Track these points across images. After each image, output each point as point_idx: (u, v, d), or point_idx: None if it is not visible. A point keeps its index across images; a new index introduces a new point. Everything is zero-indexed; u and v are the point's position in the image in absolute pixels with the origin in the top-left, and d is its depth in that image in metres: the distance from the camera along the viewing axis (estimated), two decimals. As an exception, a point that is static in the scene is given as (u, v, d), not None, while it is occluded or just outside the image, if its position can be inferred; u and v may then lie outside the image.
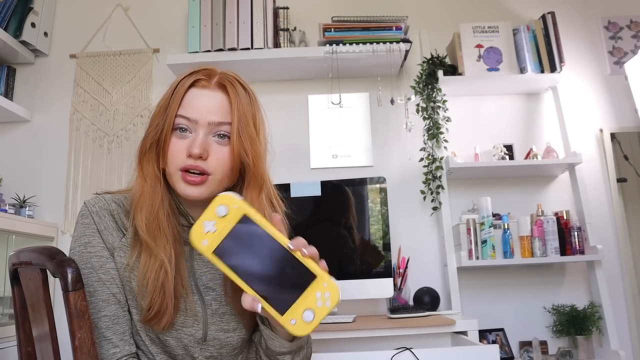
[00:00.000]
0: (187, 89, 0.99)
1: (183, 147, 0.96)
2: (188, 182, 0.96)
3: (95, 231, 1.00)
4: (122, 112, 2.61)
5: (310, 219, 2.17)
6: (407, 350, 1.41)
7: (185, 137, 0.97)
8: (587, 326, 2.20)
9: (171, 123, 0.97)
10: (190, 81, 1.00)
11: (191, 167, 0.95)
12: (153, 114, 1.02)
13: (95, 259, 0.98)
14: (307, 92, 2.61)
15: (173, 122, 0.97)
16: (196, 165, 0.95)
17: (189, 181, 0.96)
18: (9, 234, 2.15)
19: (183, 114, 0.97)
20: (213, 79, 1.02)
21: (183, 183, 0.96)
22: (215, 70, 1.05)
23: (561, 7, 2.66)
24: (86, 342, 0.91)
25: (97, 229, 1.00)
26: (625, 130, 2.59)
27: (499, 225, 2.28)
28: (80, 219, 1.01)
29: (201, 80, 1.01)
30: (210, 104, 0.99)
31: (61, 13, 2.77)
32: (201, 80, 1.01)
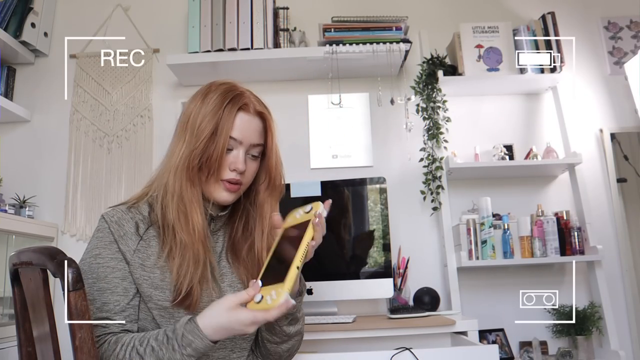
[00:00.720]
0: (235, 113, 1.16)
1: (228, 162, 1.15)
2: (228, 190, 1.16)
3: (109, 242, 1.12)
4: (122, 112, 2.61)
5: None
6: (406, 350, 1.41)
7: (229, 153, 1.15)
8: (587, 326, 2.20)
9: (226, 144, 1.13)
10: (237, 106, 1.16)
11: (233, 179, 1.15)
12: (198, 129, 1.13)
13: (101, 270, 1.10)
14: (307, 92, 2.61)
15: (227, 142, 1.14)
16: (237, 179, 1.15)
17: (229, 189, 1.16)
18: (9, 234, 2.15)
19: (234, 136, 1.14)
20: (252, 105, 1.20)
21: (224, 191, 1.16)
22: (246, 92, 1.23)
23: (561, 7, 2.66)
24: (87, 342, 0.91)
25: (114, 238, 1.12)
26: (625, 131, 2.59)
27: (499, 225, 2.28)
28: (96, 233, 1.14)
29: (246, 105, 1.18)
30: (253, 127, 1.18)
31: (61, 13, 2.77)
32: (246, 105, 1.18)
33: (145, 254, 1.12)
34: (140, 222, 1.15)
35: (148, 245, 1.13)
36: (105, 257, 1.10)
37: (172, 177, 1.13)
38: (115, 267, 1.10)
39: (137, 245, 1.12)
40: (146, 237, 1.14)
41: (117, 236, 1.12)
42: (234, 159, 1.15)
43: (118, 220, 1.14)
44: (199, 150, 1.12)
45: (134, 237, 1.13)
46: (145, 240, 1.13)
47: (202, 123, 1.14)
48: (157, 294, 1.10)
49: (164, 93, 2.65)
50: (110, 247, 1.11)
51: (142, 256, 1.12)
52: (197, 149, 1.12)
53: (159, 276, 1.10)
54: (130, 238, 1.12)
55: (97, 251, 1.11)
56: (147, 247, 1.13)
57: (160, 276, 1.10)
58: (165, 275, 1.10)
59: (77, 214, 2.50)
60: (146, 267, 1.11)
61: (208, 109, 1.15)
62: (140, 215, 1.16)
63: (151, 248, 1.13)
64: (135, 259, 1.11)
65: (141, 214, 1.16)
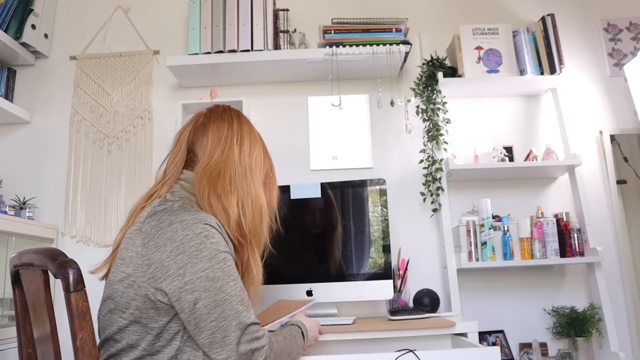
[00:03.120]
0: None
1: None
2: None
3: (225, 246, 1.13)
4: (122, 113, 2.62)
5: (310, 220, 2.17)
6: (410, 352, 1.41)
7: None
8: (587, 328, 2.20)
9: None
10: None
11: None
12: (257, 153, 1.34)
13: (234, 270, 1.13)
14: (307, 94, 2.61)
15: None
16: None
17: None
18: (9, 235, 2.15)
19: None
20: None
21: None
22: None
23: (561, 9, 2.67)
24: (87, 343, 0.91)
25: (225, 241, 1.15)
26: (625, 132, 2.59)
27: (498, 227, 2.28)
28: (207, 240, 1.10)
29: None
30: None
31: (61, 15, 2.78)
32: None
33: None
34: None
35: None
36: (229, 259, 1.12)
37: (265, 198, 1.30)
38: (234, 266, 1.13)
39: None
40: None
41: (224, 237, 1.14)
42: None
43: (216, 224, 1.14)
44: (274, 178, 1.41)
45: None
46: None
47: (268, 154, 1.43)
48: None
49: (164, 95, 2.66)
50: (227, 248, 1.13)
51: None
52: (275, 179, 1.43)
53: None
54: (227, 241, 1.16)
55: (222, 255, 1.10)
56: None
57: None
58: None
59: (77, 216, 2.50)
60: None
61: (263, 143, 1.43)
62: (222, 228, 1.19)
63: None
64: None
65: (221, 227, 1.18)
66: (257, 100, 2.59)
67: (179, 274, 1.04)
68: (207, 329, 1.04)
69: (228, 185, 1.21)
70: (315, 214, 2.17)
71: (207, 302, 1.04)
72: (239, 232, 1.19)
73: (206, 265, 1.06)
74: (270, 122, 2.59)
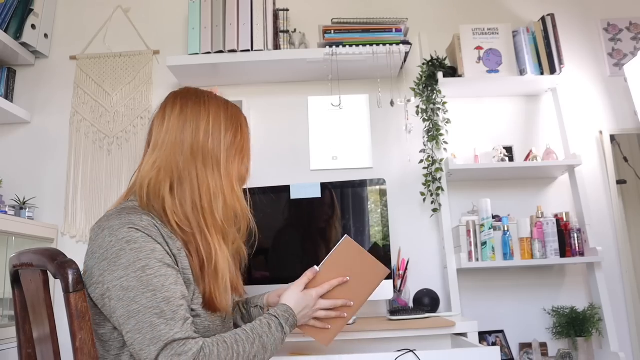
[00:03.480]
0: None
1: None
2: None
3: (151, 249, 1.03)
4: (122, 113, 2.62)
5: (310, 220, 2.17)
6: (410, 352, 1.41)
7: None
8: (586, 328, 2.20)
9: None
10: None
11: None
12: (247, 147, 1.30)
13: (155, 280, 1.01)
14: (307, 94, 2.61)
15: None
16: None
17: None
18: (9, 235, 2.15)
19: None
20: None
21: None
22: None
23: (561, 9, 2.67)
24: (87, 343, 0.91)
25: (156, 241, 1.05)
26: (625, 132, 2.59)
27: (498, 227, 2.28)
28: (129, 245, 1.02)
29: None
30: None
31: (61, 15, 2.78)
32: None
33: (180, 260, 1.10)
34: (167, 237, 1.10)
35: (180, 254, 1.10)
36: (153, 267, 1.01)
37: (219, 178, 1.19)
38: (165, 274, 1.02)
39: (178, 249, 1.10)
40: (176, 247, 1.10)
41: (157, 239, 1.05)
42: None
43: (147, 225, 1.06)
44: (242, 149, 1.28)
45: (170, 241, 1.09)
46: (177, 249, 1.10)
47: (228, 127, 1.26)
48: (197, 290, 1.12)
49: (164, 94, 2.59)
50: (154, 253, 1.03)
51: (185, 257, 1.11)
52: (242, 149, 1.27)
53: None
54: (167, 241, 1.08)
55: (142, 263, 1.00)
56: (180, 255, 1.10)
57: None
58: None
59: (77, 216, 2.50)
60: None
61: (229, 115, 1.29)
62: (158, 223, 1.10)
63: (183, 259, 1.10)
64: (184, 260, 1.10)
65: (154, 221, 1.09)
66: (257, 100, 2.59)
67: (100, 281, 1.01)
68: (126, 339, 0.98)
69: (163, 173, 1.14)
70: (315, 214, 2.17)
71: (122, 313, 0.98)
72: (180, 221, 1.11)
73: (122, 273, 0.99)
74: (270, 122, 2.59)
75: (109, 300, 1.00)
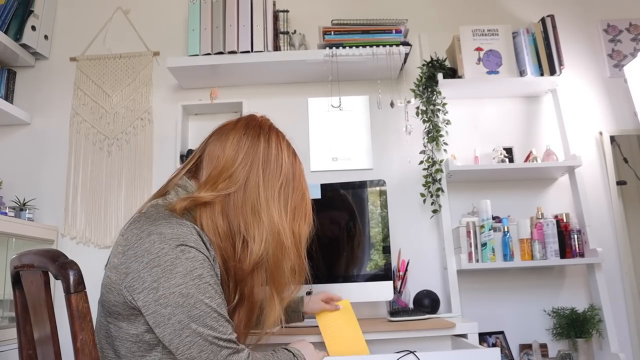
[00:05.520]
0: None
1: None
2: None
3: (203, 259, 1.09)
4: (122, 115, 2.62)
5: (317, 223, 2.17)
6: (410, 353, 1.41)
7: None
8: (587, 329, 2.20)
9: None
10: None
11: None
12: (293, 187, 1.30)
13: (210, 287, 1.08)
14: (307, 95, 2.61)
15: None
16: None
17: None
18: (9, 236, 2.15)
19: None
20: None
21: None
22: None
23: (561, 10, 2.68)
24: (88, 344, 0.91)
25: (205, 256, 1.10)
26: (625, 133, 2.59)
27: (498, 228, 2.28)
28: (183, 255, 1.06)
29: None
30: None
31: (61, 16, 2.78)
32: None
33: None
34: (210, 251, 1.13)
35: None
36: (206, 275, 1.07)
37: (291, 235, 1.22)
38: (216, 282, 1.10)
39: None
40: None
41: (204, 252, 1.09)
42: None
43: (197, 239, 1.09)
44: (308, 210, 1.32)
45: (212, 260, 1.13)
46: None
47: (304, 182, 1.35)
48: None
49: (164, 96, 2.66)
50: (206, 262, 1.08)
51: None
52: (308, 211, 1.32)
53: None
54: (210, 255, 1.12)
55: (198, 272, 1.06)
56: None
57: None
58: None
59: (77, 217, 2.50)
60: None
61: (300, 169, 1.39)
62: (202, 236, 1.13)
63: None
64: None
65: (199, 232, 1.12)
66: (257, 101, 2.59)
67: (154, 287, 1.02)
68: (182, 344, 1.02)
69: (232, 206, 1.16)
70: (315, 215, 2.17)
71: (181, 318, 1.02)
72: (246, 259, 1.14)
73: (180, 280, 1.03)
74: (270, 123, 2.58)
75: (162, 306, 1.02)
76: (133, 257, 1.05)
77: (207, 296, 1.05)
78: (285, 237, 1.18)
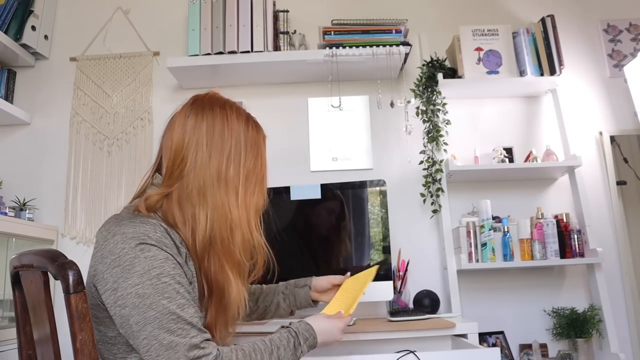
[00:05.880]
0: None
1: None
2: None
3: (164, 258, 1.04)
4: (122, 115, 2.62)
5: (310, 221, 2.17)
6: (410, 353, 1.41)
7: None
8: (587, 329, 2.20)
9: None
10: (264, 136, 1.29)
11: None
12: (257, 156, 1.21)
13: (170, 287, 1.02)
14: (307, 95, 2.61)
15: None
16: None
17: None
18: (9, 236, 2.15)
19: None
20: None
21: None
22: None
23: (561, 11, 2.67)
24: (87, 344, 0.91)
25: (169, 253, 1.05)
26: (625, 133, 2.59)
27: (498, 228, 2.28)
28: (142, 253, 1.02)
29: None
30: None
31: (61, 16, 2.78)
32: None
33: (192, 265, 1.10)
34: (180, 246, 1.09)
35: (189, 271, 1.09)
36: (167, 274, 1.02)
37: (237, 210, 1.13)
38: (180, 282, 1.03)
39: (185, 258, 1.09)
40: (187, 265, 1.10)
41: (169, 251, 1.05)
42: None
43: (160, 237, 1.05)
44: (258, 186, 1.18)
45: (180, 255, 1.08)
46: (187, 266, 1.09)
47: (248, 156, 1.18)
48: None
49: (164, 96, 2.66)
50: (168, 262, 1.03)
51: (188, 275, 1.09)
52: (256, 187, 1.18)
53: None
54: (179, 254, 1.08)
55: (156, 271, 1.01)
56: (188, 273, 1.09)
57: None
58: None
59: (77, 217, 2.50)
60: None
61: (248, 140, 1.20)
62: (172, 238, 1.08)
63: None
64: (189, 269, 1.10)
65: (166, 229, 1.08)
66: (257, 101, 2.59)
67: (114, 288, 1.00)
68: (141, 346, 0.98)
69: (184, 192, 1.11)
70: (315, 215, 2.17)
71: (138, 320, 0.98)
72: (195, 244, 1.10)
73: (137, 280, 0.99)
74: (270, 123, 2.55)
75: (121, 307, 1.00)
76: (100, 258, 1.04)
77: (165, 297, 0.99)
78: (230, 210, 1.12)
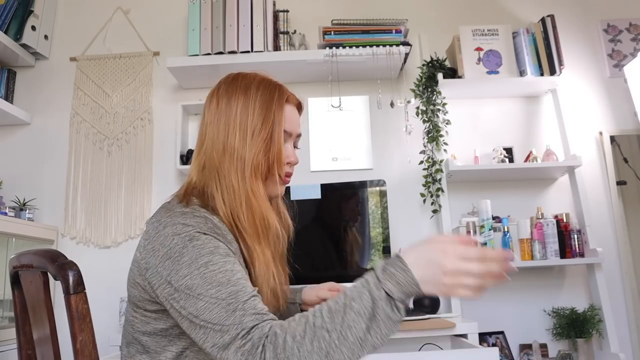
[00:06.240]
0: (284, 106, 1.16)
1: (284, 156, 1.14)
2: (284, 184, 1.15)
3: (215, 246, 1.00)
4: (122, 115, 2.62)
5: (310, 222, 2.17)
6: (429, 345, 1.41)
7: (284, 147, 1.14)
8: (587, 329, 2.20)
9: (282, 138, 1.12)
10: (284, 99, 1.16)
11: (288, 173, 1.16)
12: (255, 127, 1.11)
13: (220, 275, 0.97)
14: (307, 95, 2.61)
15: (282, 136, 1.13)
16: (291, 172, 1.17)
17: (285, 182, 1.15)
18: (9, 236, 2.15)
19: (286, 129, 1.14)
20: (292, 97, 1.21)
21: (281, 185, 1.14)
22: (280, 83, 1.22)
23: (560, 11, 2.67)
24: (87, 345, 0.91)
25: (221, 240, 1.02)
26: (625, 133, 2.59)
27: (498, 228, 2.28)
28: (190, 242, 0.99)
29: (289, 97, 1.18)
30: (296, 119, 1.20)
31: (61, 16, 2.78)
32: (289, 97, 1.18)
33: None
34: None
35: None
36: (216, 262, 0.98)
37: (239, 181, 1.09)
38: (232, 269, 0.98)
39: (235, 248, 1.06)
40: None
41: (220, 239, 1.02)
42: (289, 152, 1.16)
43: (212, 227, 1.03)
44: (262, 149, 1.09)
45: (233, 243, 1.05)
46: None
47: (255, 120, 1.11)
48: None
49: (164, 96, 2.66)
50: (218, 249, 1.00)
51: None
52: (260, 149, 1.09)
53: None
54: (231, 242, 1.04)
55: (204, 259, 0.97)
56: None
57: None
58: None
59: (77, 217, 2.50)
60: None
61: (257, 105, 1.13)
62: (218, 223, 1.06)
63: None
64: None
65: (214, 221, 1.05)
66: (257, 101, 2.58)
67: (167, 281, 0.98)
68: (198, 338, 0.96)
69: (208, 173, 1.10)
70: (315, 215, 2.17)
71: (190, 311, 0.96)
72: (229, 225, 1.08)
73: (185, 272, 0.97)
74: (270, 123, 2.58)
75: (176, 300, 0.98)
76: (151, 251, 1.02)
77: (215, 284, 0.95)
78: (238, 183, 1.09)
